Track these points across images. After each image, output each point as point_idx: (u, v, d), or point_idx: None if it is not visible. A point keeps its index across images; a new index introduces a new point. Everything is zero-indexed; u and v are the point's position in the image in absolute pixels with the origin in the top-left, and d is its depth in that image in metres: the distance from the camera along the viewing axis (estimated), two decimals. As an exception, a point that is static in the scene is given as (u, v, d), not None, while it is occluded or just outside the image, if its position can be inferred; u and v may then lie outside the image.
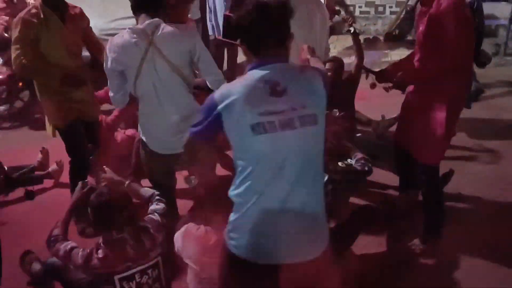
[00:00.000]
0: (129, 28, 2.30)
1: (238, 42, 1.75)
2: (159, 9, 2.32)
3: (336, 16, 6.29)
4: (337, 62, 4.12)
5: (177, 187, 3.10)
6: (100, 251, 2.25)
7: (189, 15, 3.16)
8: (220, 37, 3.20)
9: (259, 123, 1.60)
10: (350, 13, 7.58)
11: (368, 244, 3.36)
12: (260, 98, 1.61)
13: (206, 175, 2.15)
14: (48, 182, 4.30)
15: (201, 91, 2.50)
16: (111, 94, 2.48)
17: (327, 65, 3.78)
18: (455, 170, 3.96)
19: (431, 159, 3.15)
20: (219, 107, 1.64)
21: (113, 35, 3.49)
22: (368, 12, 8.28)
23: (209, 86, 2.46)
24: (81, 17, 3.25)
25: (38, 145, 4.42)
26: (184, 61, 2.33)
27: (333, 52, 5.05)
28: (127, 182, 2.61)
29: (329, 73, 3.62)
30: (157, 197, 2.51)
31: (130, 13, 3.34)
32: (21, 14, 2.98)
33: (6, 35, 5.19)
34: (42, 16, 2.97)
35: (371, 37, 8.25)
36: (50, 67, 3.04)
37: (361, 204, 3.62)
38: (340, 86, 3.90)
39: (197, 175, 2.40)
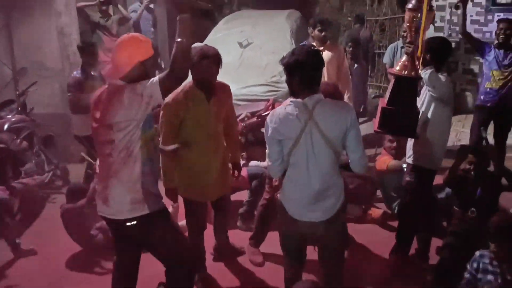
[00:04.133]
0: (291, 101, 2.47)
1: None
2: (317, 86, 2.49)
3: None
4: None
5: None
6: None
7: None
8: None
9: None
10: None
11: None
12: None
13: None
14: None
15: (341, 169, 2.61)
16: (269, 163, 2.63)
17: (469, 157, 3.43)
18: None
19: None
20: None
21: (243, 100, 6.03)
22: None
23: (350, 164, 2.56)
24: (227, 95, 3.28)
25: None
26: (338, 136, 2.44)
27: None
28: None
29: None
30: None
31: (260, 81, 6.16)
32: (168, 98, 2.79)
33: None
34: (189, 97, 3.04)
35: None
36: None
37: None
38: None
39: None
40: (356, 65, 6.61)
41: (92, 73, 4.86)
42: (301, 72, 2.42)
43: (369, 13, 9.01)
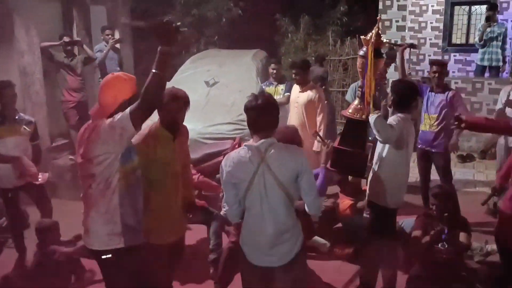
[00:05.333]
0: (245, 145, 2.53)
1: None
2: (271, 130, 2.53)
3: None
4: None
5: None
6: None
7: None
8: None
9: None
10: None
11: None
12: None
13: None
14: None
15: (298, 213, 2.61)
16: (226, 208, 2.66)
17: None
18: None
19: None
20: None
21: (210, 138, 6.05)
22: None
23: (306, 208, 2.59)
24: (187, 136, 3.29)
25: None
26: (290, 179, 2.47)
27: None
28: None
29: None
30: None
31: (226, 119, 6.20)
32: (136, 139, 2.78)
33: None
34: (157, 137, 2.98)
35: (464, 153, 7.27)
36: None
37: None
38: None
39: None
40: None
41: (16, 116, 4.24)
42: (254, 116, 2.51)
43: (332, 52, 9.27)
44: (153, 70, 2.34)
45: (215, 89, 6.69)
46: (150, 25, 2.40)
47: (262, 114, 2.50)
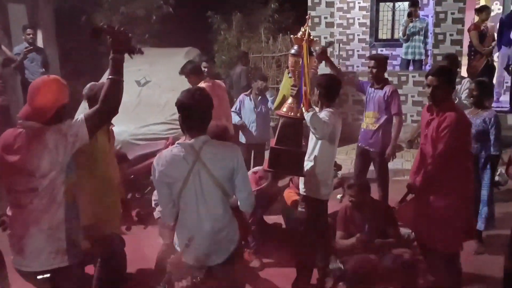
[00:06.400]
0: (177, 143, 2.47)
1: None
2: (204, 127, 2.48)
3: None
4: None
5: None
6: None
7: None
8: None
9: None
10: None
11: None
12: None
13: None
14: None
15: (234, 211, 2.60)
16: (160, 209, 2.62)
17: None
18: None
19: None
20: None
21: (143, 139, 5.91)
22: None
23: (239, 203, 2.58)
24: (113, 136, 3.49)
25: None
26: (226, 176, 2.44)
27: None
28: None
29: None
30: None
31: (159, 119, 6.07)
32: None
33: None
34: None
35: None
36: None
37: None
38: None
39: None
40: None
41: None
42: (188, 113, 2.43)
43: (265, 49, 9.35)
44: (110, 77, 2.34)
45: (147, 88, 6.54)
46: (108, 31, 2.28)
47: (196, 111, 2.43)
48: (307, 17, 3.36)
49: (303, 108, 3.15)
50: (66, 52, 8.67)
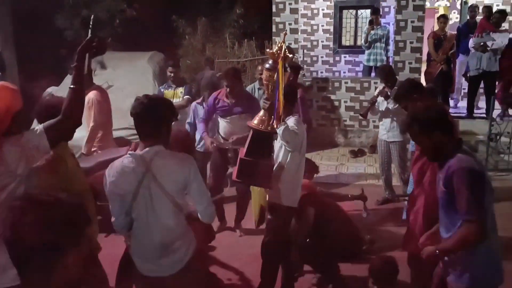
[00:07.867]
0: (129, 153, 2.41)
1: None
2: (161, 137, 2.42)
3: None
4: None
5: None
6: None
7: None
8: None
9: None
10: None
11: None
12: None
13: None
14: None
15: (193, 220, 2.57)
16: (113, 219, 2.52)
17: None
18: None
19: None
20: None
21: None
22: (352, 126, 8.36)
23: (199, 215, 2.54)
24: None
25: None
26: (178, 189, 2.39)
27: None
28: None
29: None
30: None
31: (122, 125, 5.97)
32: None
33: None
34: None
35: (356, 149, 7.92)
36: None
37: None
38: None
39: None
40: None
41: None
42: (137, 121, 2.39)
43: (230, 54, 9.35)
44: (71, 86, 2.26)
45: (110, 93, 6.33)
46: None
47: (148, 119, 2.37)
48: (283, 33, 3.49)
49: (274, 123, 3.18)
50: (25, 55, 8.40)
